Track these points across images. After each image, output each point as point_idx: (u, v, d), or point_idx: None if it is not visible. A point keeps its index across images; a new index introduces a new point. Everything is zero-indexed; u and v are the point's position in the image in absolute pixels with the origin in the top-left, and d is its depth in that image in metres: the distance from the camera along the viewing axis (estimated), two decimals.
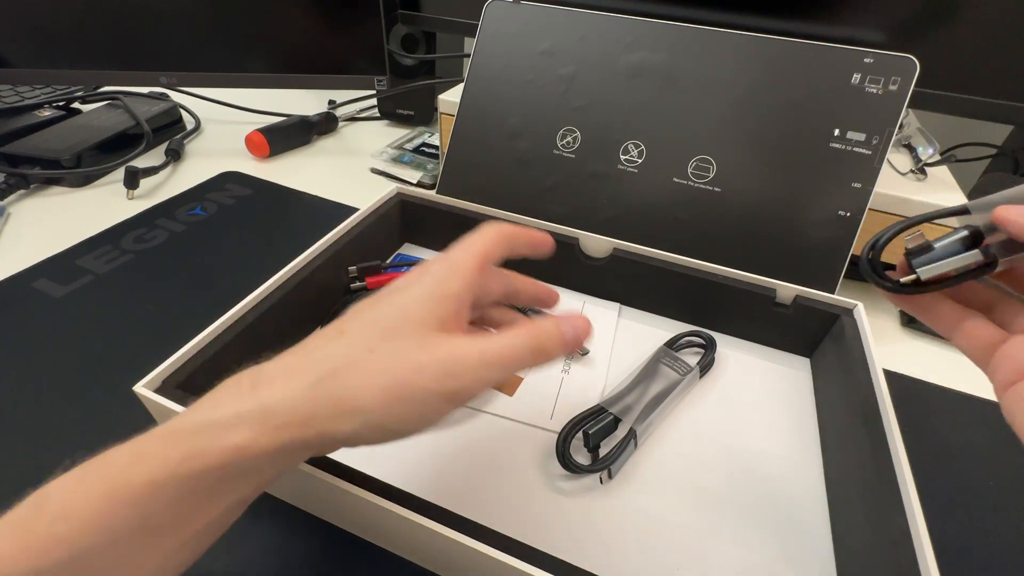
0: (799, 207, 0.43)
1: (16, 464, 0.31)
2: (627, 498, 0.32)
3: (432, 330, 0.20)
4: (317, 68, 0.64)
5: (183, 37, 0.60)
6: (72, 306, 0.42)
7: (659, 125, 0.46)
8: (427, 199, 0.48)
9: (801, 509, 0.32)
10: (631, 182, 0.47)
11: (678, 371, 0.38)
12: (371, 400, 0.19)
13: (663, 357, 0.39)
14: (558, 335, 0.21)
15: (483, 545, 0.23)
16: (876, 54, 0.42)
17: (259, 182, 0.61)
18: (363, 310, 0.22)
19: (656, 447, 0.35)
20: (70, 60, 0.59)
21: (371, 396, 0.19)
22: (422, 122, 0.78)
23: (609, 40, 0.48)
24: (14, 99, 0.67)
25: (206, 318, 0.31)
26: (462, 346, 0.20)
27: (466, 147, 0.51)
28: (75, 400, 0.35)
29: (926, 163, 0.49)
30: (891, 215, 0.45)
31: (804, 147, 0.43)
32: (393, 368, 0.19)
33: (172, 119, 0.71)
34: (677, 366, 0.38)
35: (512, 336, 0.21)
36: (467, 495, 0.31)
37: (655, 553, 0.29)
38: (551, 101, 0.49)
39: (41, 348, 0.38)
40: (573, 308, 0.45)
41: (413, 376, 0.19)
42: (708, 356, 0.40)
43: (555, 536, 0.29)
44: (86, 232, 0.50)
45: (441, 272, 0.22)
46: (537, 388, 0.38)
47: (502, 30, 0.51)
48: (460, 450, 0.33)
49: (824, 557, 0.29)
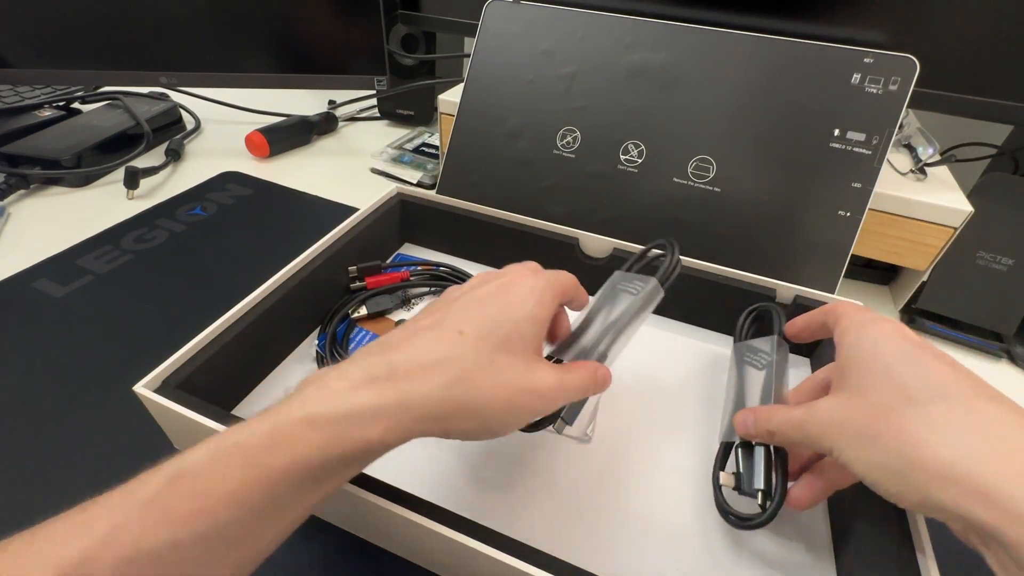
0: (799, 207, 0.43)
1: (16, 464, 0.31)
2: (628, 498, 0.32)
3: (534, 352, 0.25)
4: (317, 68, 0.64)
5: (183, 37, 0.60)
6: (72, 306, 0.42)
7: (659, 125, 0.46)
8: (427, 199, 0.48)
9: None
10: (631, 182, 0.47)
11: (633, 291, 0.31)
12: (494, 409, 0.22)
13: (620, 282, 0.33)
14: (605, 379, 0.27)
15: (483, 545, 0.23)
16: (876, 54, 0.42)
17: (259, 182, 0.61)
18: (471, 307, 0.25)
19: (657, 446, 0.35)
20: (70, 60, 0.59)
21: (495, 406, 0.22)
22: (422, 122, 0.78)
23: (609, 40, 0.48)
24: (14, 99, 0.67)
25: (206, 318, 0.31)
26: (554, 377, 0.24)
27: (466, 147, 0.51)
28: (75, 400, 0.35)
29: (926, 163, 0.49)
30: (891, 215, 0.45)
31: (804, 147, 0.43)
32: (512, 384, 0.23)
33: (172, 119, 0.71)
34: (633, 286, 0.32)
35: (582, 373, 0.26)
36: (467, 495, 0.31)
37: (654, 553, 0.29)
38: (551, 101, 0.49)
39: (41, 348, 0.38)
40: None
41: (526, 396, 0.23)
42: (670, 261, 0.32)
43: (556, 539, 0.29)
44: (86, 232, 0.50)
45: (538, 292, 0.26)
46: None
47: (502, 30, 0.51)
48: (460, 450, 0.33)
49: (825, 558, 0.29)
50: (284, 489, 0.19)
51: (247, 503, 0.18)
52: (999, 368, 0.44)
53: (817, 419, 0.25)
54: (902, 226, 0.45)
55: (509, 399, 0.23)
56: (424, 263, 0.47)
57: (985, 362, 0.45)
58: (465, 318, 0.24)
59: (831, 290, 0.42)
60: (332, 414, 0.20)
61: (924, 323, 0.47)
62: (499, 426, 0.23)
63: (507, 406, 0.23)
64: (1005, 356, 0.45)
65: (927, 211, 0.44)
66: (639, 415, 0.37)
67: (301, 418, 0.19)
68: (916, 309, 0.47)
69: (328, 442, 0.19)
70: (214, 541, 0.17)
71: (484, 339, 0.23)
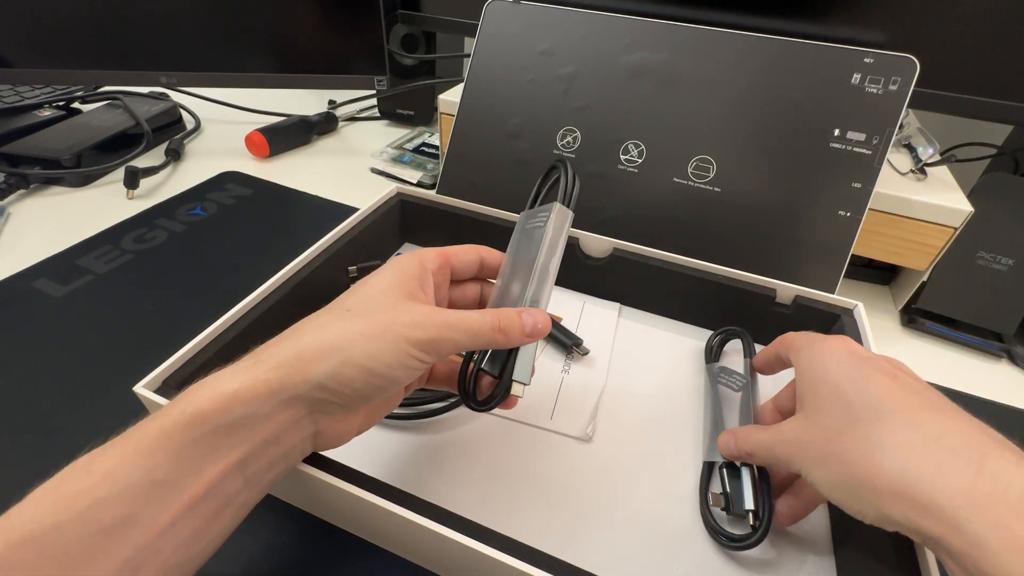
0: (799, 207, 0.43)
1: (16, 464, 0.31)
2: (628, 498, 0.32)
3: (402, 298, 0.24)
4: (317, 68, 0.64)
5: (183, 37, 0.60)
6: (72, 306, 0.42)
7: (659, 125, 0.46)
8: (427, 199, 0.48)
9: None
10: (631, 182, 0.47)
11: (540, 222, 0.29)
12: (348, 340, 0.22)
13: (526, 222, 0.31)
14: (519, 320, 0.25)
15: (483, 545, 0.22)
16: (876, 54, 0.42)
17: (259, 182, 0.61)
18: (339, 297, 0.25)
19: (657, 446, 0.35)
20: (70, 60, 0.59)
21: (349, 338, 0.22)
22: (422, 122, 0.78)
23: (609, 40, 0.48)
24: (14, 99, 0.67)
25: (206, 318, 0.31)
26: (430, 308, 0.24)
27: (466, 147, 0.51)
28: (75, 400, 0.35)
29: (926, 163, 0.49)
30: (891, 215, 0.45)
31: (804, 147, 0.43)
32: (368, 318, 0.22)
33: (172, 119, 0.71)
34: (539, 219, 0.29)
35: (479, 313, 0.24)
36: (467, 494, 0.31)
37: (655, 552, 0.29)
38: (551, 101, 0.49)
39: (41, 348, 0.38)
40: (573, 307, 0.45)
41: (386, 323, 0.22)
42: (566, 178, 0.30)
43: (556, 539, 0.29)
44: (86, 232, 0.50)
45: (404, 259, 0.26)
46: (537, 388, 0.38)
47: (502, 30, 0.51)
48: (460, 450, 0.33)
49: (825, 558, 0.29)
50: (160, 459, 0.19)
51: (123, 477, 0.18)
52: (999, 368, 0.44)
53: (783, 441, 0.26)
54: (902, 226, 0.45)
55: (362, 330, 0.22)
56: None
57: (985, 362, 0.45)
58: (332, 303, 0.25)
59: (831, 290, 0.42)
60: (197, 385, 0.21)
61: (924, 323, 0.47)
62: (366, 359, 0.21)
63: (362, 336, 0.22)
64: (1005, 356, 0.45)
65: (927, 211, 0.44)
66: (639, 415, 0.37)
67: (179, 397, 0.21)
68: (916, 309, 0.47)
69: (191, 403, 0.20)
70: (93, 522, 0.17)
71: (341, 305, 0.24)
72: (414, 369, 0.23)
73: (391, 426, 0.34)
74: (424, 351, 0.22)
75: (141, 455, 0.19)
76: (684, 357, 0.41)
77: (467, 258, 0.29)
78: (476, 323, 0.23)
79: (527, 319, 0.25)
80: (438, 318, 0.23)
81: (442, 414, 0.35)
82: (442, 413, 0.35)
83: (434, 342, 0.22)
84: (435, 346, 0.22)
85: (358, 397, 0.22)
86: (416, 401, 0.35)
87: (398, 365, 0.22)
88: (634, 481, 0.32)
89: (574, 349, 0.40)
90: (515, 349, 0.26)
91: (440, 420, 0.35)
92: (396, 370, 0.22)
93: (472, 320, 0.23)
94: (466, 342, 0.23)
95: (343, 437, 0.25)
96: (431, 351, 0.23)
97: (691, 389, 0.39)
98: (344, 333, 0.22)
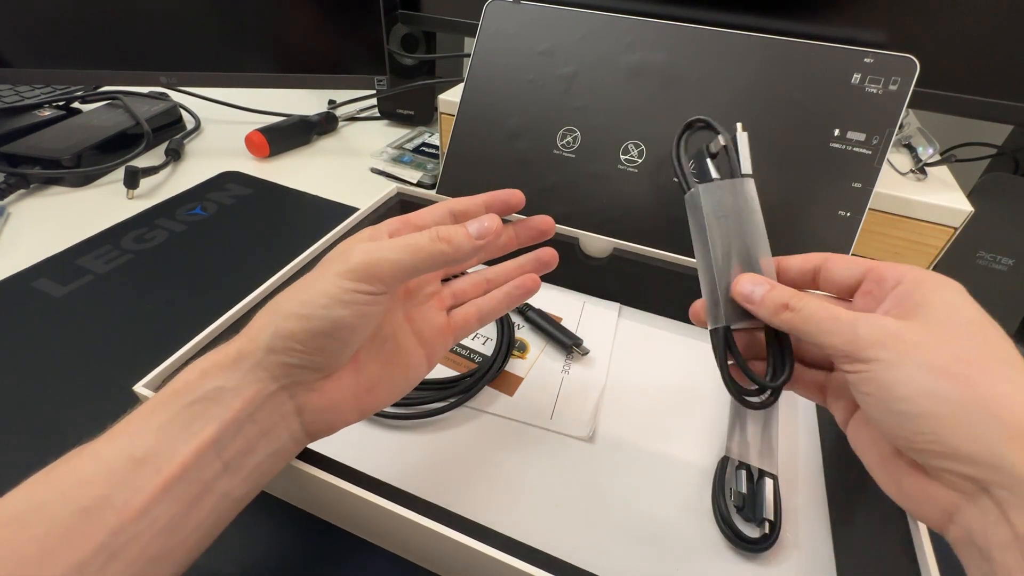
0: (799, 207, 0.43)
1: (16, 464, 0.31)
2: (628, 497, 0.32)
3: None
4: (317, 68, 0.64)
5: (183, 37, 0.60)
6: (72, 306, 0.42)
7: (659, 125, 0.46)
8: (427, 199, 0.48)
9: (804, 505, 0.32)
10: (631, 182, 0.47)
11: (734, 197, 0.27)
12: (284, 298, 0.22)
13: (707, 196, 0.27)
14: (461, 228, 0.23)
15: (483, 545, 0.23)
16: (876, 54, 0.42)
17: (259, 182, 0.61)
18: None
19: (658, 445, 0.35)
20: (70, 60, 0.59)
21: (285, 295, 0.22)
22: (422, 122, 0.78)
23: (609, 40, 0.48)
24: (14, 99, 0.67)
25: (206, 318, 0.31)
26: (368, 244, 0.23)
27: (466, 147, 0.51)
28: (75, 400, 0.35)
29: (926, 163, 0.49)
30: (891, 215, 0.45)
31: (804, 147, 0.43)
32: (303, 280, 0.23)
33: (172, 119, 0.71)
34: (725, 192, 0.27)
35: (417, 232, 0.23)
36: (467, 494, 0.31)
37: (655, 552, 0.29)
38: (551, 101, 0.49)
39: (41, 348, 0.38)
40: (573, 307, 0.45)
41: (319, 271, 0.22)
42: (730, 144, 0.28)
43: (556, 539, 0.29)
44: (86, 232, 0.50)
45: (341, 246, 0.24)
46: (537, 388, 0.38)
47: (502, 30, 0.51)
48: (460, 449, 0.33)
49: (825, 559, 0.29)
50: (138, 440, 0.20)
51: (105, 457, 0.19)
52: None
53: (877, 326, 0.21)
54: (902, 226, 0.45)
55: (295, 285, 0.22)
56: None
57: None
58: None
59: None
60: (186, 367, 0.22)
61: None
62: (301, 307, 0.21)
63: (294, 289, 0.22)
64: None
65: (927, 211, 0.44)
66: (640, 414, 0.37)
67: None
68: None
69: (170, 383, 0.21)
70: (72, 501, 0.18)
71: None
72: (356, 303, 0.21)
73: (391, 426, 0.34)
74: (359, 279, 0.21)
75: (123, 435, 0.20)
76: (684, 357, 0.41)
77: (433, 216, 0.27)
78: (414, 237, 0.22)
79: (470, 225, 0.24)
80: (371, 244, 0.22)
81: (442, 414, 0.35)
82: (442, 413, 0.35)
83: (366, 266, 0.21)
84: (369, 270, 0.21)
85: (311, 352, 0.21)
86: (416, 401, 0.35)
87: (333, 303, 0.21)
88: (634, 481, 0.33)
89: (574, 349, 0.40)
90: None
91: (440, 420, 0.35)
92: (333, 309, 0.21)
93: (410, 236, 0.23)
94: (407, 259, 0.22)
95: (334, 413, 0.24)
96: (367, 277, 0.21)
97: (691, 389, 0.39)
98: (282, 294, 0.23)
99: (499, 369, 0.38)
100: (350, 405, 0.24)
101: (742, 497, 0.30)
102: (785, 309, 0.23)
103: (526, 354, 0.40)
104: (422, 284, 0.29)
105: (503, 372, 0.38)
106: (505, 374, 0.38)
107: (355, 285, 0.21)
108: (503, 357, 0.38)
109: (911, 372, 0.20)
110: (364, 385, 0.25)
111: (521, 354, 0.40)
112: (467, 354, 0.40)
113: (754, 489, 0.31)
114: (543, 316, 0.42)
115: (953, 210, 0.43)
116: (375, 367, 0.25)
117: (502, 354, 0.38)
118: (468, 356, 0.39)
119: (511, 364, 0.39)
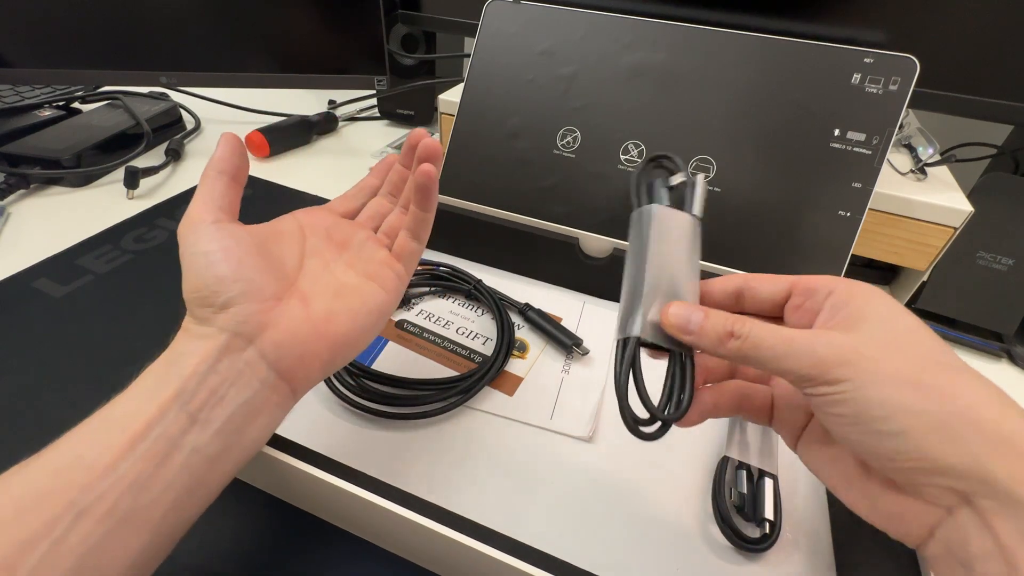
0: (799, 207, 0.43)
1: (16, 464, 0.31)
2: (628, 497, 0.32)
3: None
4: (317, 68, 0.64)
5: (183, 37, 0.60)
6: (72, 306, 0.42)
7: (659, 125, 0.46)
8: None
9: (803, 505, 0.32)
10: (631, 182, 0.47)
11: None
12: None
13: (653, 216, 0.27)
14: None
15: (483, 545, 0.23)
16: (876, 54, 0.42)
17: (259, 182, 0.61)
18: None
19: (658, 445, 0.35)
20: (70, 60, 0.59)
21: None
22: (422, 122, 0.78)
23: (609, 40, 0.48)
24: (14, 99, 0.67)
25: None
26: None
27: (466, 147, 0.51)
28: (75, 400, 0.35)
29: (926, 163, 0.49)
30: (891, 215, 0.45)
31: (804, 147, 0.43)
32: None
33: (172, 119, 0.71)
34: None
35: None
36: (467, 494, 0.31)
37: (655, 552, 0.29)
38: (551, 101, 0.49)
39: (41, 348, 0.38)
40: (573, 307, 0.45)
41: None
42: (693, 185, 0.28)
43: (556, 539, 0.29)
44: (86, 232, 0.50)
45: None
46: (537, 388, 0.38)
47: (502, 30, 0.51)
48: (460, 450, 0.33)
49: (825, 559, 0.30)
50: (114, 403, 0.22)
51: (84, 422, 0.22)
52: (999, 368, 0.44)
53: (835, 344, 0.20)
54: (902, 226, 0.45)
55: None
56: (424, 263, 0.47)
57: (985, 362, 0.45)
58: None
59: None
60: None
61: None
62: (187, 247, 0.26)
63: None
64: (1005, 356, 0.45)
65: (927, 211, 0.44)
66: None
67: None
68: (916, 309, 0.47)
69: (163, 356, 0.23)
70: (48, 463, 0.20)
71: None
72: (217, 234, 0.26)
73: (391, 426, 0.34)
74: (207, 214, 0.27)
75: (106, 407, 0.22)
76: None
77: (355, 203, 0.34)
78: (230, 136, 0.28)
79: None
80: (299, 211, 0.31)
81: (442, 414, 0.35)
82: (442, 413, 0.35)
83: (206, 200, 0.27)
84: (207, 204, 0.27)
85: (218, 288, 0.24)
86: (416, 401, 0.35)
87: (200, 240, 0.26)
88: (634, 481, 0.32)
89: (574, 349, 0.40)
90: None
91: (440, 420, 0.35)
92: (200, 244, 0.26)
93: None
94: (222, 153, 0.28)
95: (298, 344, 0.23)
96: (212, 210, 0.27)
97: None
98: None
99: (499, 369, 0.38)
100: (310, 333, 0.24)
101: (742, 497, 0.30)
102: (730, 337, 0.22)
103: (526, 354, 0.40)
104: (351, 235, 0.30)
105: (503, 372, 0.38)
106: (505, 374, 0.38)
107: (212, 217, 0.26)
108: (503, 357, 0.38)
109: (883, 389, 0.19)
110: (319, 315, 0.25)
111: (521, 354, 0.40)
112: (467, 354, 0.40)
113: (754, 489, 0.31)
114: (543, 316, 0.42)
115: (953, 210, 0.43)
116: (323, 301, 0.25)
117: (502, 354, 0.38)
118: (468, 356, 0.40)
119: (511, 364, 0.39)
